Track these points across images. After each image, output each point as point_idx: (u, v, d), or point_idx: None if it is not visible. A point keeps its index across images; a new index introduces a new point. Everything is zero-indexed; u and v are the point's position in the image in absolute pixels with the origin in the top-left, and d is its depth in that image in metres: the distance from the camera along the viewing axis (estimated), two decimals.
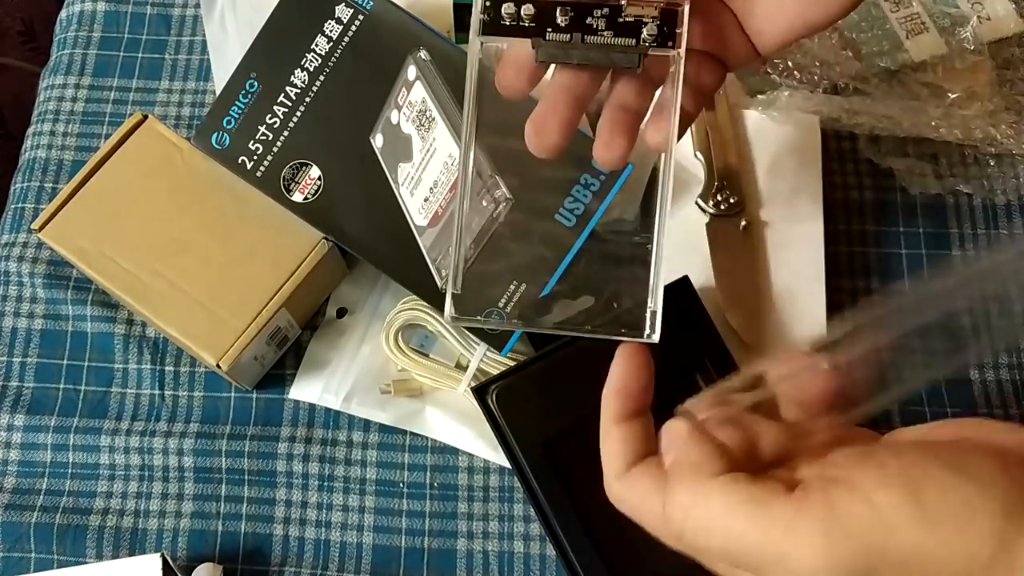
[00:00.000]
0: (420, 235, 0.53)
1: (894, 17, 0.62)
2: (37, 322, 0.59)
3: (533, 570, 0.53)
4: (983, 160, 0.61)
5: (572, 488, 0.49)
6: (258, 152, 0.54)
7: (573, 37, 0.32)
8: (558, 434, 0.50)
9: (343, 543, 0.54)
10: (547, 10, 0.32)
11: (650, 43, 0.33)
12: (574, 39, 0.33)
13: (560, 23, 0.32)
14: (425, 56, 0.53)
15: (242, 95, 0.54)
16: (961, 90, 0.60)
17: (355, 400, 0.56)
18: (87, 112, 0.65)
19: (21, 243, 0.61)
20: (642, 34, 0.33)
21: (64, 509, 0.55)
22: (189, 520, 0.55)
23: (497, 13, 0.32)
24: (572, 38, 0.33)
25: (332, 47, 0.53)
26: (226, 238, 0.54)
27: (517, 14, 0.32)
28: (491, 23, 0.33)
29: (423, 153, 0.52)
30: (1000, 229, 0.61)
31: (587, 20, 0.33)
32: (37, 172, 0.63)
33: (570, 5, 0.32)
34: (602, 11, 0.33)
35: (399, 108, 0.53)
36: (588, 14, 0.33)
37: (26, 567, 0.53)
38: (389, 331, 0.56)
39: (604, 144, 0.35)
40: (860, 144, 0.62)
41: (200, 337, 0.52)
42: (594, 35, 0.33)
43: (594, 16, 0.33)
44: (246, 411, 0.57)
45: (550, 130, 0.34)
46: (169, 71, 0.66)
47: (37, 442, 0.56)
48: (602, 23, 0.33)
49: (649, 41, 0.33)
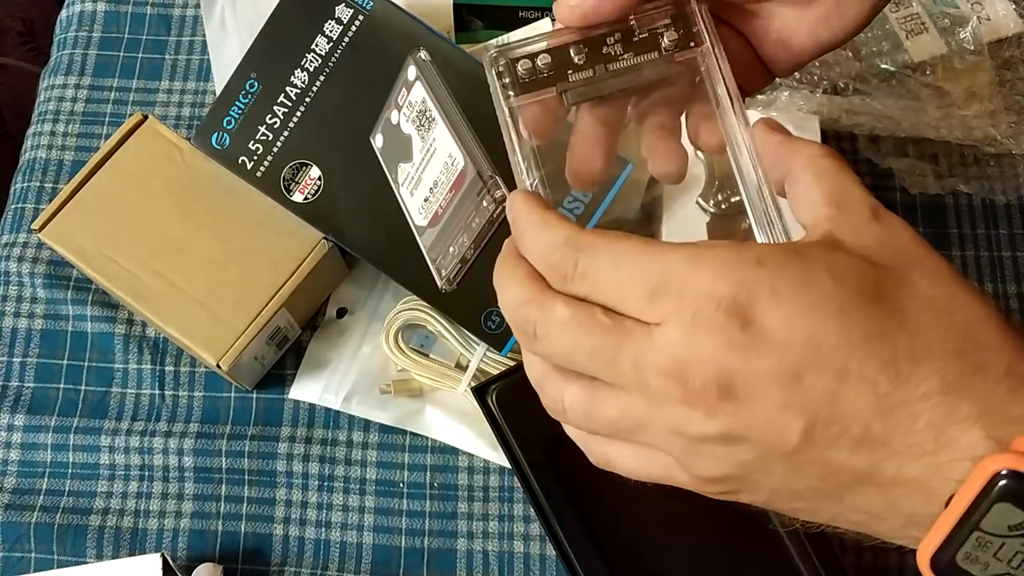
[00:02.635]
0: (420, 235, 0.53)
1: (894, 17, 0.62)
2: (37, 322, 0.59)
3: (533, 570, 0.53)
4: (983, 160, 0.61)
5: (572, 488, 0.49)
6: (258, 152, 0.54)
7: (597, 71, 0.32)
8: (558, 434, 0.50)
9: (343, 543, 0.54)
10: (562, 54, 0.32)
11: (673, 49, 0.33)
12: (598, 72, 0.32)
13: (578, 62, 0.32)
14: (425, 56, 0.53)
15: (242, 95, 0.54)
16: (961, 90, 0.60)
17: (355, 400, 0.56)
18: (87, 112, 0.64)
19: (21, 243, 0.61)
20: (663, 43, 0.33)
21: (64, 509, 0.55)
22: (189, 520, 0.55)
23: (514, 74, 0.32)
24: (596, 72, 0.32)
25: (332, 47, 0.53)
26: (226, 238, 0.54)
27: (534, 68, 0.32)
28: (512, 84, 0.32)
29: (423, 153, 0.52)
30: (1000, 229, 0.61)
31: (603, 50, 0.32)
32: (37, 172, 0.63)
33: (582, 42, 0.32)
34: (614, 37, 0.32)
35: (399, 108, 0.53)
36: (602, 44, 0.33)
37: (26, 567, 0.53)
38: (389, 331, 0.56)
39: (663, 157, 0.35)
40: (860, 144, 0.62)
41: (200, 337, 0.52)
42: (615, 62, 0.33)
43: (608, 44, 0.33)
44: (246, 411, 0.57)
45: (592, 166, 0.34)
46: (169, 71, 0.66)
47: (37, 442, 0.56)
48: (619, 48, 0.33)
49: (672, 48, 0.33)
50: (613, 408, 0.28)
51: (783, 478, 0.27)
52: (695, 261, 0.26)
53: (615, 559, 0.49)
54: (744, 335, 0.25)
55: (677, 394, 0.26)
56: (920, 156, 0.62)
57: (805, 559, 0.49)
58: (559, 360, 0.29)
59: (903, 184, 0.61)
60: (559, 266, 0.28)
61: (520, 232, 0.30)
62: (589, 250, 0.28)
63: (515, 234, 0.30)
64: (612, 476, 0.53)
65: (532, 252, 0.29)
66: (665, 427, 0.27)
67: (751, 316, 0.25)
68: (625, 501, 0.51)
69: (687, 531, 0.51)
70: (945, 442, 0.25)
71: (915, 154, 0.62)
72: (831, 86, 0.60)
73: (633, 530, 0.50)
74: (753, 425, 0.26)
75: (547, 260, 0.29)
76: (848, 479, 0.26)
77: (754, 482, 0.27)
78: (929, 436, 0.25)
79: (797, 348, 0.25)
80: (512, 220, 0.31)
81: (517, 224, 0.30)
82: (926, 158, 0.62)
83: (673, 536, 0.51)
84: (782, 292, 0.26)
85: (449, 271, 0.53)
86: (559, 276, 0.28)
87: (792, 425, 0.25)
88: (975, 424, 0.24)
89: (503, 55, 0.32)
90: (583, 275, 0.28)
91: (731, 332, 0.25)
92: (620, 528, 0.50)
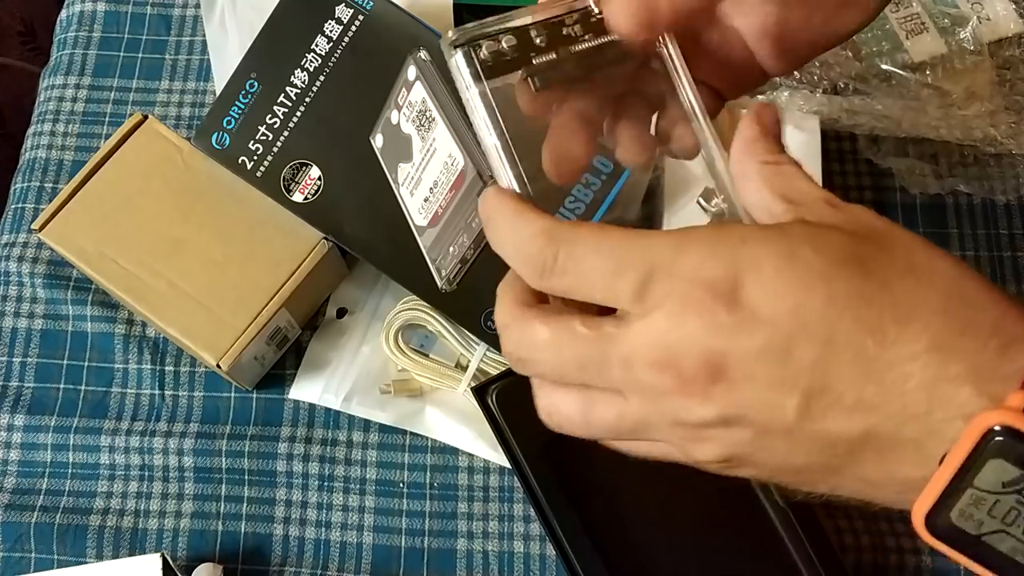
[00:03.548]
0: (420, 235, 0.53)
1: (894, 17, 0.62)
2: (37, 322, 0.59)
3: (533, 570, 0.53)
4: (983, 160, 0.61)
5: (572, 488, 0.49)
6: (258, 152, 0.54)
7: (560, 53, 0.32)
8: (558, 434, 0.50)
9: (343, 543, 0.54)
10: (525, 36, 0.32)
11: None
12: (561, 54, 0.32)
13: (540, 44, 0.32)
14: (425, 56, 0.53)
15: (242, 95, 0.54)
16: (961, 90, 0.60)
17: (355, 400, 0.56)
18: (87, 112, 0.65)
19: (21, 243, 0.61)
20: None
21: (64, 509, 0.55)
22: (189, 520, 0.55)
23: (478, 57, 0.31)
24: (559, 54, 0.32)
25: (332, 47, 0.53)
26: (226, 238, 0.54)
27: (499, 51, 0.31)
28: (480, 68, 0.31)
29: (423, 153, 0.52)
30: (1000, 229, 0.61)
31: (563, 31, 0.32)
32: (37, 172, 0.63)
33: (540, 23, 0.32)
34: (572, 18, 0.32)
35: (399, 108, 0.53)
36: (561, 26, 0.32)
37: (26, 567, 0.53)
38: (389, 331, 0.56)
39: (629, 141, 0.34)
40: (860, 144, 0.62)
41: (200, 337, 0.52)
42: (576, 43, 0.32)
43: (567, 25, 0.32)
44: (246, 411, 0.57)
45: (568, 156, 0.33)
46: (169, 71, 0.66)
47: (37, 442, 0.56)
48: (578, 29, 0.32)
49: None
50: (610, 412, 0.28)
51: (783, 455, 0.27)
52: (680, 246, 0.26)
53: (615, 559, 0.49)
54: (731, 316, 0.25)
55: (671, 384, 0.26)
56: (920, 156, 0.62)
57: (805, 559, 0.49)
58: (552, 378, 0.29)
59: (903, 184, 0.61)
60: (536, 258, 0.27)
61: (494, 229, 0.29)
62: (569, 241, 0.27)
63: (489, 233, 0.29)
64: (612, 476, 0.53)
65: (507, 247, 0.28)
66: (664, 421, 0.27)
67: (737, 296, 0.25)
68: (625, 501, 0.51)
69: (687, 531, 0.51)
70: (938, 401, 0.24)
71: (915, 154, 0.62)
72: (831, 86, 0.60)
73: (633, 530, 0.50)
74: (749, 405, 0.26)
75: (523, 253, 0.28)
76: (845, 448, 0.26)
77: (755, 460, 0.27)
78: (921, 396, 0.25)
79: (784, 323, 0.25)
80: (485, 219, 0.29)
81: (491, 221, 0.29)
82: (926, 158, 0.62)
83: (673, 536, 0.51)
84: (765, 268, 0.26)
85: (449, 271, 0.53)
86: (536, 269, 0.28)
87: (787, 401, 0.25)
88: (966, 382, 0.24)
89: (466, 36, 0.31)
90: (563, 268, 0.27)
91: (718, 314, 0.25)
92: (620, 528, 0.50)
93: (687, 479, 0.50)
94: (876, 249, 0.26)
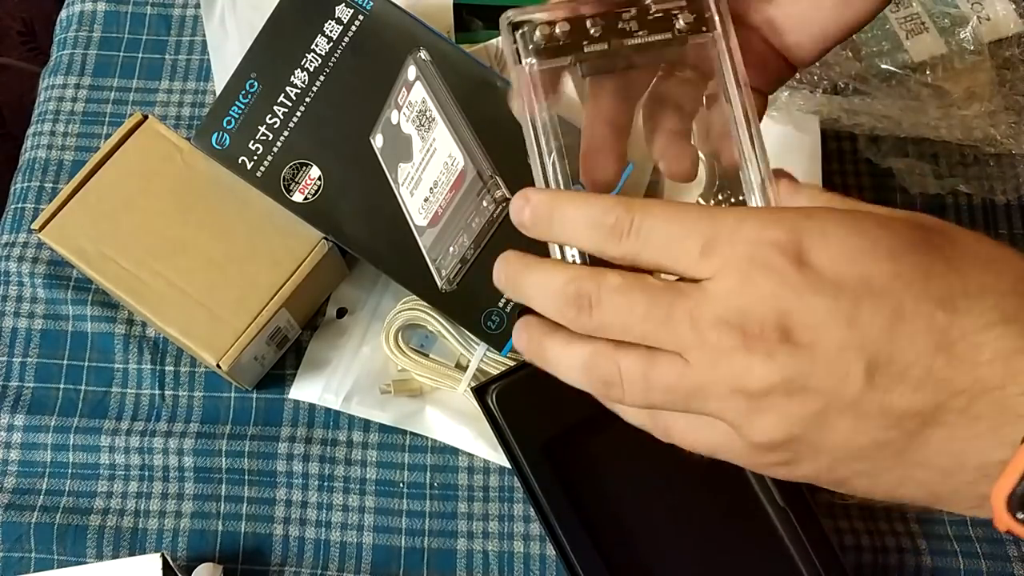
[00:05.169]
0: (420, 235, 0.53)
1: (894, 17, 0.62)
2: (37, 322, 0.59)
3: (533, 570, 0.53)
4: (983, 160, 0.61)
5: (572, 488, 0.49)
6: (258, 152, 0.54)
7: (612, 44, 0.33)
8: (558, 434, 0.50)
9: (343, 543, 0.54)
10: (579, 25, 0.32)
11: (687, 32, 0.33)
12: (613, 46, 0.33)
13: (594, 34, 0.32)
14: (425, 56, 0.53)
15: (242, 95, 0.54)
16: (961, 90, 0.60)
17: (355, 400, 0.56)
18: (87, 112, 0.64)
19: (21, 243, 0.61)
20: (676, 24, 0.33)
21: (64, 509, 0.55)
22: (189, 520, 0.55)
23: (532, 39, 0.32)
24: (611, 45, 0.33)
25: (332, 47, 0.53)
26: (226, 238, 0.54)
27: (552, 35, 0.32)
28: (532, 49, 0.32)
29: (423, 153, 0.52)
30: (1000, 229, 0.61)
31: (619, 25, 0.33)
32: (37, 172, 0.63)
33: (598, 15, 0.32)
34: (630, 13, 0.33)
35: (399, 108, 0.53)
36: (618, 19, 0.33)
37: (26, 567, 0.53)
38: (389, 331, 0.56)
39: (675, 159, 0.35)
40: (860, 144, 0.62)
41: (200, 337, 0.52)
42: (630, 38, 0.33)
43: (624, 20, 0.33)
44: (246, 411, 0.57)
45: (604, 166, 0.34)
46: (169, 71, 0.66)
47: (37, 442, 0.56)
48: (634, 24, 0.33)
49: (685, 31, 0.33)
50: (671, 372, 0.27)
51: (846, 434, 0.26)
52: (743, 217, 0.27)
53: (615, 559, 0.49)
54: (799, 274, 0.25)
55: (736, 342, 0.26)
56: (920, 156, 0.62)
57: (805, 559, 0.49)
58: (614, 329, 0.28)
59: (903, 184, 0.61)
60: (616, 225, 0.28)
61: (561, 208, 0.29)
62: (643, 209, 0.28)
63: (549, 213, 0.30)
64: (612, 476, 0.53)
65: (580, 220, 0.29)
66: (725, 386, 0.27)
67: (805, 258, 0.25)
68: (625, 501, 0.51)
69: (687, 531, 0.51)
70: (1013, 375, 0.24)
71: (915, 154, 0.62)
72: (831, 86, 0.60)
73: (633, 530, 0.50)
74: (813, 370, 0.25)
75: (602, 223, 0.28)
76: (914, 424, 0.25)
77: (815, 444, 0.26)
78: (996, 369, 0.24)
79: (852, 287, 0.25)
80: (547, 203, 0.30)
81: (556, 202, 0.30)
82: (926, 158, 0.62)
83: (673, 536, 0.51)
84: (832, 236, 0.26)
85: (449, 271, 0.53)
86: (615, 234, 0.28)
87: (853, 367, 0.25)
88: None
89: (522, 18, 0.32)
90: (637, 231, 0.28)
91: (786, 271, 0.25)
92: (620, 528, 0.50)
93: (687, 479, 0.50)
94: (941, 237, 0.26)
